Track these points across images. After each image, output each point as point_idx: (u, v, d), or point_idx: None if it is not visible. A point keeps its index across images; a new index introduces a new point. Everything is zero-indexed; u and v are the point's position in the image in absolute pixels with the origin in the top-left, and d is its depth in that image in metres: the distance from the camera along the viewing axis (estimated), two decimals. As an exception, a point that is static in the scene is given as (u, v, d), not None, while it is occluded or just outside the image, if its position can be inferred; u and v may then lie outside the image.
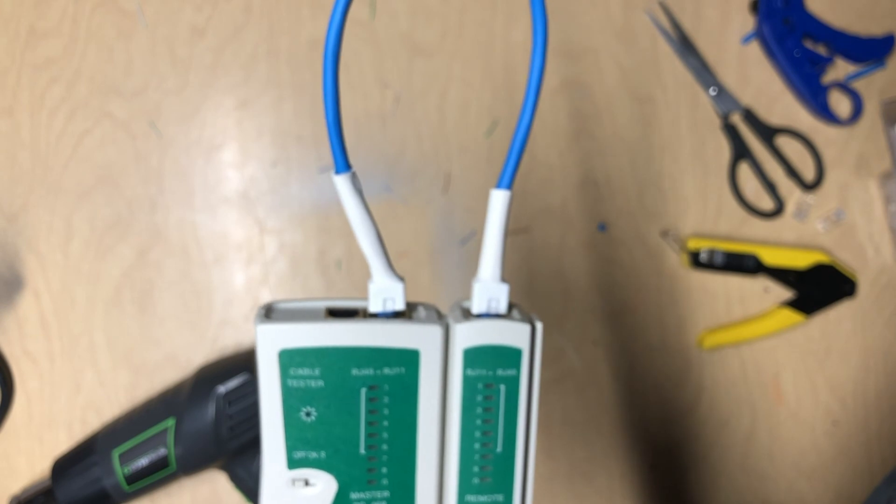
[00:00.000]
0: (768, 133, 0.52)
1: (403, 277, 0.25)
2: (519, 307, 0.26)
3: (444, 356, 0.25)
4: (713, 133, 0.52)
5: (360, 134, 0.51)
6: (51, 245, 0.50)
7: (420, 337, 0.24)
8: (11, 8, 0.50)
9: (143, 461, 0.45)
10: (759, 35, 0.52)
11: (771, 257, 0.51)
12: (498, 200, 0.24)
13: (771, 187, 0.52)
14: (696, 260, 0.50)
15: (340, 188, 0.24)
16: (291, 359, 0.24)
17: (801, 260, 0.51)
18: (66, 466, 0.46)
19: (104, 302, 0.50)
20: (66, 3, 0.50)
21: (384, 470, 0.25)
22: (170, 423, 0.45)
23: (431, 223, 0.51)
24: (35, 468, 0.50)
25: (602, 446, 0.52)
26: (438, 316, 0.25)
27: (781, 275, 0.51)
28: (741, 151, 0.52)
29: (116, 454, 0.45)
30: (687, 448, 0.52)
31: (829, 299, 0.51)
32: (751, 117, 0.52)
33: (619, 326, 0.52)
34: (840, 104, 0.52)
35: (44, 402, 0.50)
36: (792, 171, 0.52)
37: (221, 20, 0.50)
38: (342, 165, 0.23)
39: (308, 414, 0.24)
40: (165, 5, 0.50)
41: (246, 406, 0.45)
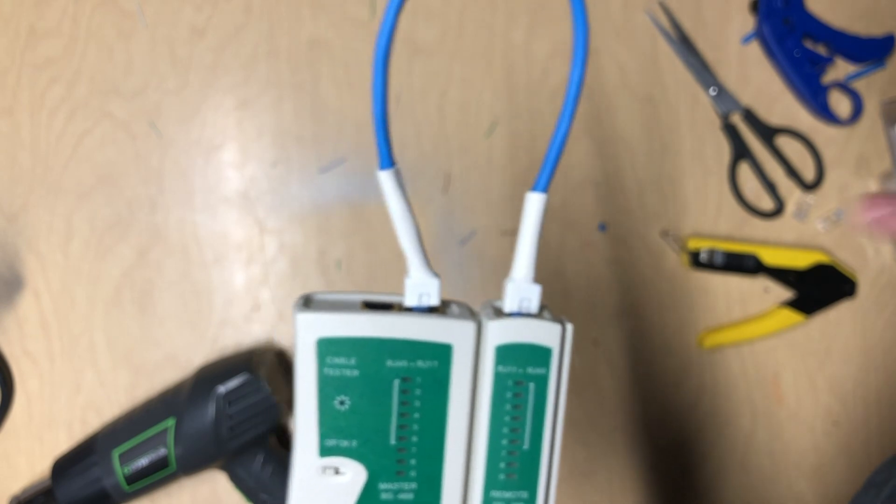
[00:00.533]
0: (768, 133, 0.52)
1: (439, 274, 0.25)
2: (549, 308, 0.26)
3: (476, 352, 0.25)
4: (713, 133, 0.52)
5: (360, 134, 0.51)
6: (51, 245, 0.50)
7: (453, 332, 0.25)
8: (11, 8, 0.50)
9: (143, 461, 0.45)
10: (759, 35, 0.52)
11: (771, 257, 0.51)
12: (534, 203, 0.25)
13: (771, 187, 0.51)
14: (696, 260, 0.50)
15: (385, 184, 0.24)
16: (328, 347, 0.24)
17: (801, 260, 0.51)
18: (66, 466, 0.46)
19: (104, 302, 0.50)
20: (66, 3, 0.50)
21: (413, 462, 0.26)
22: (170, 423, 0.45)
23: (431, 223, 0.51)
24: (35, 468, 0.50)
25: (602, 446, 0.52)
26: (471, 313, 0.26)
27: (781, 275, 0.51)
28: (741, 151, 0.52)
29: (116, 454, 0.45)
30: (687, 448, 0.52)
31: (829, 299, 0.51)
32: (751, 117, 0.52)
33: (619, 326, 0.52)
34: (840, 104, 0.52)
35: (44, 402, 0.50)
36: (792, 171, 0.52)
37: (221, 20, 0.50)
38: (387, 161, 0.24)
39: (342, 403, 0.25)
40: (165, 5, 0.50)
41: (246, 406, 0.45)
